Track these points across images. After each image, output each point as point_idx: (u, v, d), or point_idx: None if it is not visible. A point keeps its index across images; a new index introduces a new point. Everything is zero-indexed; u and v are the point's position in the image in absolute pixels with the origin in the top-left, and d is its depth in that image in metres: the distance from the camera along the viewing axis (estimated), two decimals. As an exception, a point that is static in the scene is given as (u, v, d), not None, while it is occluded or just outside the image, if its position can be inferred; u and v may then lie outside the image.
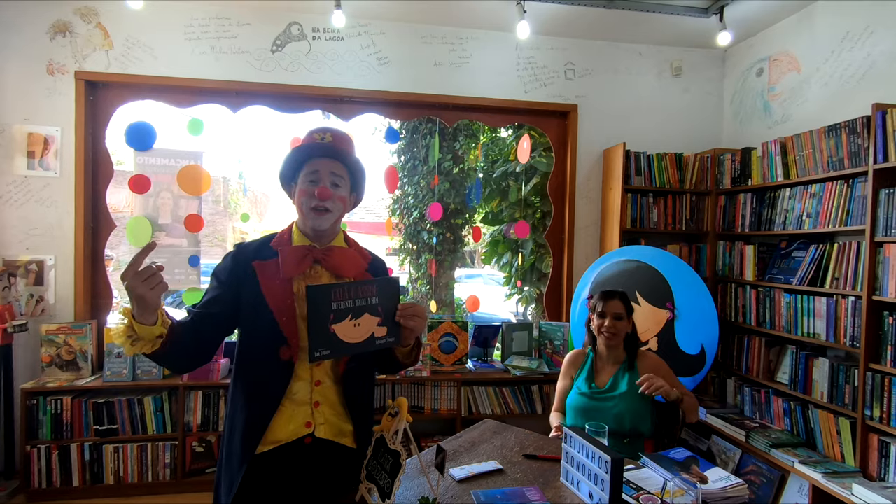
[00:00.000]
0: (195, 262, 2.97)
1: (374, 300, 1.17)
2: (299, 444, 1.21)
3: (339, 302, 1.12)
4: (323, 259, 1.26)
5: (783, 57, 2.90)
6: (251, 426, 1.19)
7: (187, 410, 2.72)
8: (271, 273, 1.22)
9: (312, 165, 1.26)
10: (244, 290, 1.22)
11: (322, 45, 3.01)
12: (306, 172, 1.26)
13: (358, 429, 1.28)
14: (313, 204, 1.24)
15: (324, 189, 1.23)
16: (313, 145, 1.27)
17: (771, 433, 2.47)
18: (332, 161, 1.27)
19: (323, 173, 1.25)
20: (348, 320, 1.13)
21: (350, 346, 1.14)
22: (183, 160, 2.95)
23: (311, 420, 1.22)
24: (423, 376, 2.92)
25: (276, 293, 1.21)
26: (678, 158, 3.06)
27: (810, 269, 2.40)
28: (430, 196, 5.02)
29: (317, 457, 1.22)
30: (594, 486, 1.20)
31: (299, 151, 1.28)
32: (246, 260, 1.24)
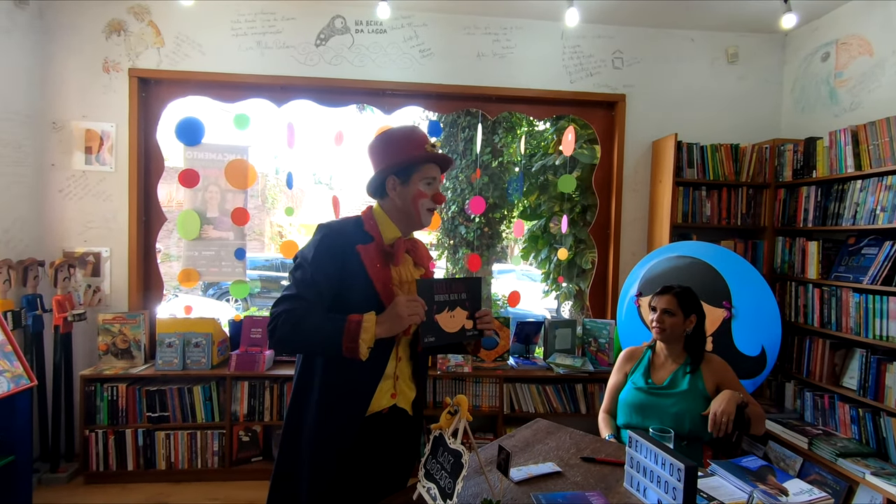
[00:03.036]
0: (241, 255, 3.02)
1: (464, 296, 1.31)
2: (379, 415, 1.33)
3: (440, 295, 1.26)
4: (412, 250, 1.39)
5: (852, 40, 2.70)
6: (358, 399, 1.29)
7: (234, 400, 2.78)
8: (373, 257, 1.29)
9: (431, 171, 1.36)
10: (349, 272, 1.27)
11: (365, 38, 3.00)
12: (424, 176, 1.35)
13: (418, 397, 1.43)
14: (430, 206, 1.36)
15: (442, 195, 1.41)
16: (434, 153, 1.36)
17: (836, 441, 2.32)
18: (440, 169, 1.40)
19: (439, 179, 1.39)
20: (446, 312, 1.27)
21: (448, 335, 1.27)
22: (230, 155, 2.99)
23: (395, 391, 1.35)
24: (464, 372, 2.89)
25: (381, 278, 1.29)
26: (734, 149, 2.91)
27: (884, 267, 2.23)
28: (469, 190, 4.97)
29: (392, 424, 1.36)
30: (664, 494, 1.13)
31: (427, 157, 1.35)
32: (346, 242, 1.29)
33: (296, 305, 1.20)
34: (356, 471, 1.30)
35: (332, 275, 1.25)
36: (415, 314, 1.19)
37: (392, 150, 1.35)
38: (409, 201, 1.34)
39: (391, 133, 1.39)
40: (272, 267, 8.99)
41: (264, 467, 2.82)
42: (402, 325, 1.19)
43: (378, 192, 1.39)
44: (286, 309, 1.20)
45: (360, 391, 1.28)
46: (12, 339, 2.25)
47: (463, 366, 2.90)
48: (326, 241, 1.28)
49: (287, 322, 1.18)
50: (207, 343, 2.79)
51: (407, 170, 1.34)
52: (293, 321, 1.18)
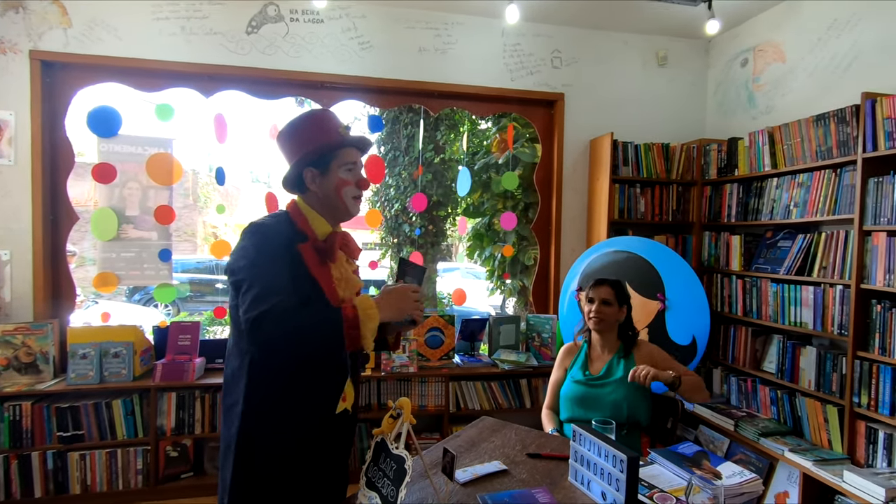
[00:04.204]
0: (166, 257, 2.80)
1: (416, 282, 1.27)
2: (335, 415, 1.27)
3: (408, 277, 1.27)
4: (344, 244, 1.31)
5: (768, 47, 2.90)
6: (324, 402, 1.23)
7: (160, 413, 2.57)
8: (314, 257, 1.22)
9: (350, 156, 1.28)
10: (293, 273, 1.16)
11: (300, 28, 2.86)
12: (343, 162, 1.27)
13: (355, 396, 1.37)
14: (355, 193, 1.29)
15: (367, 181, 1.32)
16: (349, 136, 1.29)
17: (759, 422, 2.48)
18: (359, 152, 1.32)
19: (360, 164, 1.31)
20: None
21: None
22: (151, 148, 2.76)
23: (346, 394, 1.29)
24: (409, 372, 2.84)
25: (324, 277, 1.22)
26: (665, 149, 3.04)
27: (797, 259, 2.41)
28: (412, 187, 4.91)
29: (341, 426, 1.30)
30: (608, 486, 1.14)
31: (344, 142, 1.27)
32: (287, 241, 1.19)
33: (274, 302, 1.05)
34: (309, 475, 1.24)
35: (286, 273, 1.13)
36: (418, 308, 1.20)
37: (303, 140, 1.25)
38: (332, 192, 1.26)
39: (299, 121, 1.27)
40: (205, 269, 8.48)
41: (196, 483, 2.63)
42: (404, 313, 1.19)
43: (298, 186, 1.29)
44: (266, 310, 1.04)
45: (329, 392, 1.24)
46: None
47: (408, 366, 2.85)
48: (268, 241, 1.15)
49: (275, 323, 1.04)
50: (128, 352, 2.56)
51: (323, 159, 1.25)
52: (282, 319, 1.04)
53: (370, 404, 2.83)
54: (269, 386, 1.18)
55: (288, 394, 1.19)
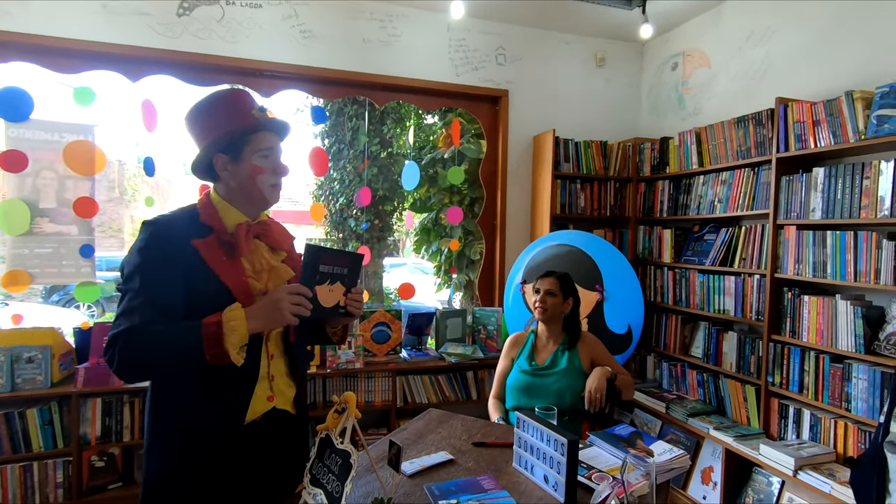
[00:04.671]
0: (88, 253, 2.59)
1: (345, 271, 1.20)
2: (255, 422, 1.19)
3: (325, 265, 1.16)
4: (262, 234, 1.23)
5: (695, 53, 3.09)
6: (230, 409, 1.14)
7: (83, 421, 2.39)
8: (216, 252, 1.13)
9: (265, 140, 1.20)
10: (189, 272, 1.10)
11: (237, 12, 2.73)
12: (257, 148, 1.18)
13: (298, 394, 1.29)
14: (273, 181, 1.22)
15: (286, 167, 1.23)
16: (264, 119, 1.20)
17: (687, 403, 2.66)
18: (276, 136, 1.24)
19: (277, 149, 1.23)
20: (326, 284, 1.17)
21: (323, 310, 1.16)
22: (70, 135, 2.54)
23: (272, 393, 1.21)
24: (355, 368, 2.80)
25: (228, 272, 1.14)
26: (603, 146, 3.18)
27: (721, 251, 2.59)
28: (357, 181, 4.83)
29: (271, 427, 1.22)
30: (549, 470, 1.18)
31: (252, 123, 1.18)
32: (178, 238, 1.11)
33: (136, 323, 1.02)
34: (232, 487, 1.15)
35: (172, 281, 1.08)
36: (297, 310, 1.08)
37: (213, 123, 1.16)
38: (246, 179, 1.17)
39: (208, 101, 1.18)
40: (134, 267, 7.91)
41: (125, 493, 2.46)
42: (281, 320, 1.08)
43: (208, 173, 1.21)
44: (124, 329, 1.01)
45: (233, 402, 1.13)
46: None
47: (354, 361, 2.81)
48: (154, 242, 1.09)
49: (128, 344, 1.00)
50: (45, 357, 2.36)
51: (235, 144, 1.16)
52: (136, 341, 1.01)
53: (315, 402, 2.77)
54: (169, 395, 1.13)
55: (189, 402, 1.12)
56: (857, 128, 1.97)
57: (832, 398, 2.05)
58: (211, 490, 1.13)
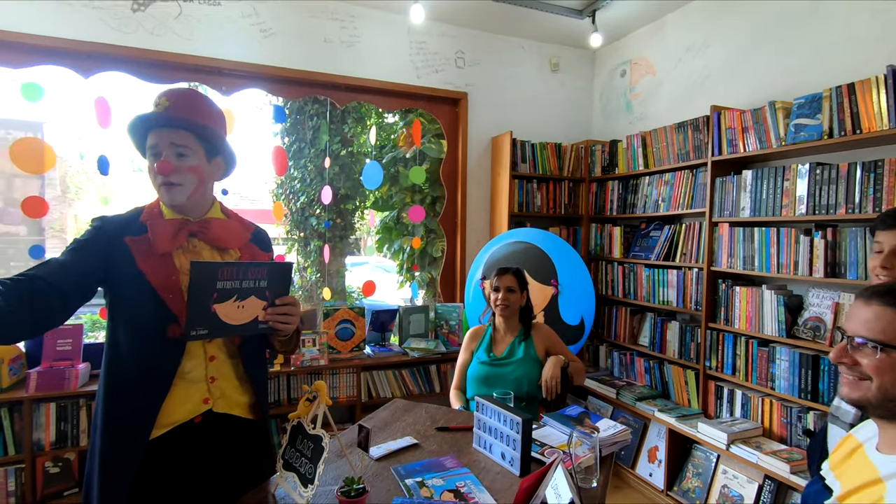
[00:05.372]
0: (38, 253, 2.51)
1: (263, 283, 1.14)
2: (189, 424, 1.17)
3: (224, 281, 1.08)
4: (200, 232, 1.21)
5: (641, 61, 3.30)
6: (142, 411, 1.13)
7: (36, 427, 2.32)
8: (146, 249, 1.15)
9: (151, 138, 1.17)
10: (116, 268, 1.13)
11: (195, 9, 2.71)
12: (148, 146, 1.18)
13: (257, 399, 1.28)
14: (160, 181, 1.17)
15: (163, 164, 1.14)
16: (148, 116, 1.16)
17: (635, 389, 2.85)
18: (173, 131, 1.16)
19: (163, 146, 1.16)
20: (232, 301, 1.10)
21: (231, 328, 1.11)
22: (17, 131, 2.46)
23: (209, 396, 1.20)
24: (320, 365, 2.84)
25: (156, 270, 1.14)
26: (557, 148, 3.34)
27: (664, 247, 2.80)
28: (319, 180, 4.83)
29: (216, 432, 1.20)
30: (506, 447, 1.29)
31: (135, 124, 1.18)
32: (115, 235, 1.15)
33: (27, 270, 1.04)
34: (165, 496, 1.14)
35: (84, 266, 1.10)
36: None
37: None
38: (151, 181, 1.19)
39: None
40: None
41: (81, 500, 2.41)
42: None
43: None
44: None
45: (140, 410, 1.12)
46: None
47: (318, 358, 2.85)
48: (89, 233, 1.15)
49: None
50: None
51: (140, 144, 1.20)
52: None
53: (280, 400, 2.79)
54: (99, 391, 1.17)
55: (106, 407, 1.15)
56: (779, 134, 2.19)
57: (759, 379, 2.28)
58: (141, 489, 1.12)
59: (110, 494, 1.11)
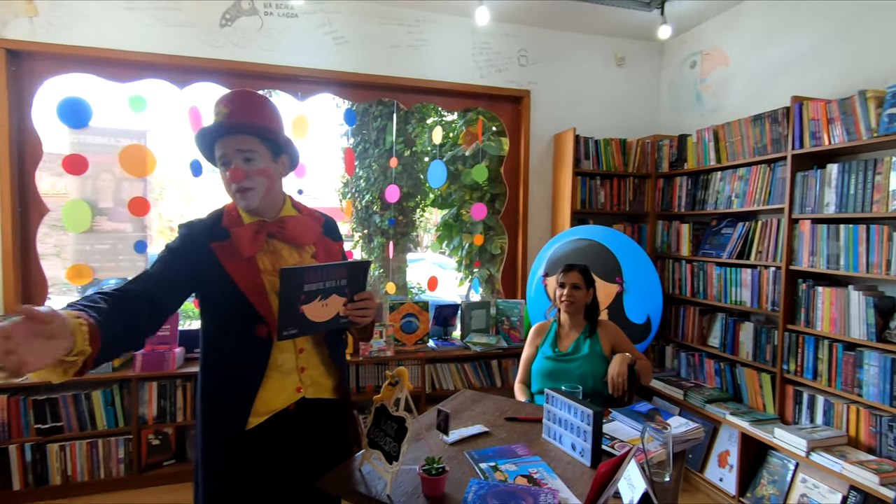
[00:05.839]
0: (142, 248, 2.81)
1: (343, 282, 1.20)
2: (284, 412, 1.25)
3: (310, 284, 1.14)
4: (277, 232, 1.25)
5: (713, 51, 3.17)
6: (237, 402, 1.21)
7: (141, 403, 2.61)
8: (231, 253, 1.19)
9: (218, 148, 1.19)
10: (204, 273, 1.18)
11: (275, 22, 2.91)
12: (217, 156, 1.21)
13: (341, 381, 1.37)
14: (233, 188, 1.20)
15: (234, 171, 1.17)
16: (211, 127, 1.18)
17: (704, 391, 2.77)
18: (237, 137, 1.18)
19: (230, 154, 1.18)
20: (317, 301, 1.16)
21: (316, 325, 1.18)
22: (125, 139, 2.76)
23: (301, 385, 1.28)
24: (386, 356, 2.97)
25: (242, 273, 1.19)
26: (622, 144, 3.28)
27: (738, 244, 2.69)
28: (382, 179, 5.00)
29: (307, 416, 1.29)
30: (577, 438, 1.33)
31: (202, 136, 1.20)
32: (201, 241, 1.20)
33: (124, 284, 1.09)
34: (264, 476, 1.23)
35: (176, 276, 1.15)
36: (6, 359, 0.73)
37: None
38: (225, 189, 1.23)
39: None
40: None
41: (178, 470, 2.68)
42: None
43: None
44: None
45: (237, 401, 1.20)
46: None
47: (385, 350, 2.98)
48: (177, 241, 1.20)
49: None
50: (107, 344, 2.57)
51: (209, 155, 1.22)
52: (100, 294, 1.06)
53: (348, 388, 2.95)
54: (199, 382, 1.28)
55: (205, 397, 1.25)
56: (870, 125, 2.05)
57: (845, 384, 2.15)
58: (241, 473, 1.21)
59: (213, 479, 1.22)
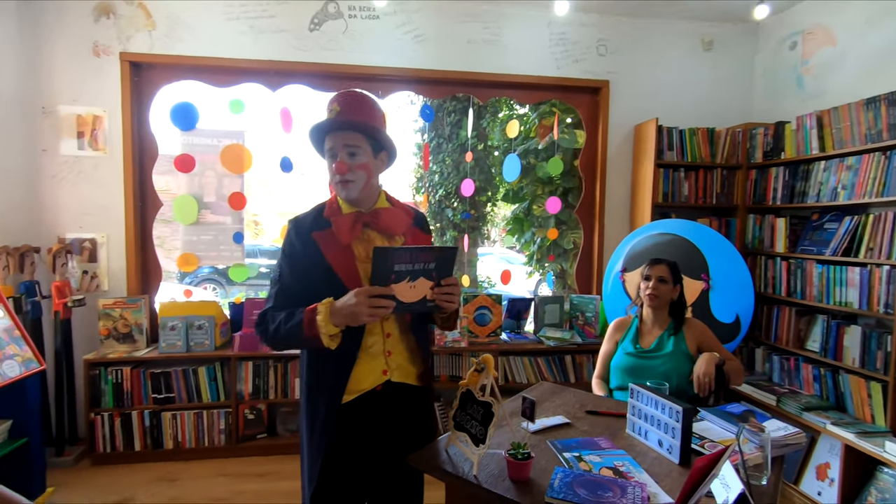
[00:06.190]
0: (239, 239, 3.07)
1: (431, 266, 1.24)
2: (373, 392, 1.35)
3: (400, 265, 1.19)
4: (372, 222, 1.36)
5: (818, 31, 2.91)
6: (334, 380, 1.32)
7: (239, 380, 2.86)
8: (331, 242, 1.32)
9: (328, 141, 1.33)
10: (310, 261, 1.31)
11: (358, 24, 3.04)
12: (326, 149, 1.34)
13: (425, 369, 1.43)
14: (336, 179, 1.32)
15: (339, 164, 1.30)
16: (324, 122, 1.32)
17: (801, 398, 2.57)
18: (345, 133, 1.30)
19: (338, 148, 1.31)
20: (406, 282, 1.21)
21: (404, 305, 1.23)
22: (225, 139, 3.02)
23: (387, 368, 1.36)
24: (460, 347, 3.03)
25: (340, 260, 1.31)
26: (710, 133, 3.10)
27: (844, 240, 2.47)
28: (455, 174, 5.08)
29: (393, 399, 1.37)
30: (664, 435, 1.30)
31: (314, 130, 1.35)
32: (305, 233, 1.34)
33: (269, 306, 1.32)
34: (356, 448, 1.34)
35: (296, 272, 1.31)
36: (375, 312, 1.15)
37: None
38: (329, 180, 1.36)
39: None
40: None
41: (270, 444, 2.92)
42: (359, 320, 1.17)
43: None
44: (263, 311, 1.32)
45: (335, 376, 1.31)
46: (20, 325, 2.27)
47: (459, 341, 3.04)
48: (287, 236, 1.35)
49: (261, 324, 1.31)
50: (210, 325, 2.85)
51: (319, 149, 1.38)
52: (267, 322, 1.29)
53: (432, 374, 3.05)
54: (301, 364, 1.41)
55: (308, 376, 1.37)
56: None
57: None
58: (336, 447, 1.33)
59: (314, 449, 1.34)
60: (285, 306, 1.29)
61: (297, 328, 1.21)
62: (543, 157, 4.85)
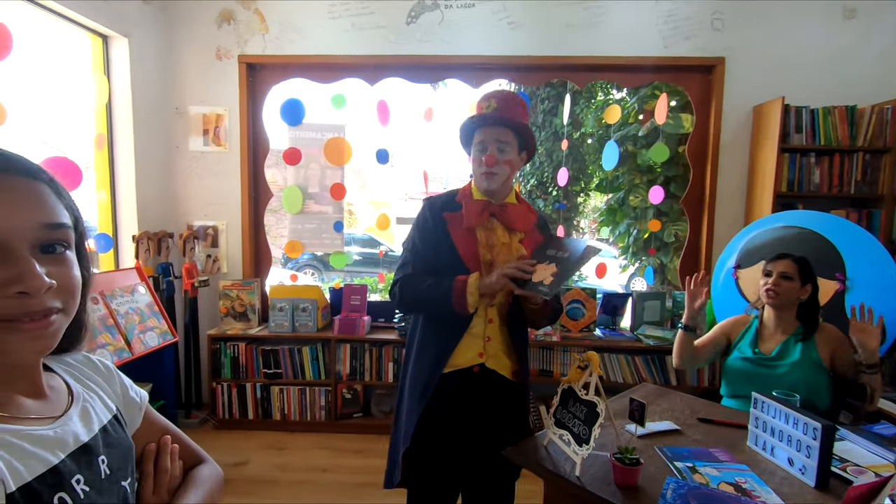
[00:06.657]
0: (339, 228, 3.24)
1: (567, 255, 1.29)
2: (469, 371, 1.44)
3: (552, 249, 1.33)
4: (499, 213, 1.46)
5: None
6: (440, 352, 1.43)
7: (338, 360, 3.03)
8: (458, 223, 1.44)
9: (480, 135, 1.44)
10: (438, 236, 1.44)
11: (454, 14, 3.04)
12: (476, 142, 1.45)
13: (520, 367, 1.49)
14: (483, 170, 1.43)
15: (489, 157, 1.41)
16: (479, 117, 1.44)
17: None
18: (498, 129, 1.42)
19: (488, 141, 1.42)
20: (546, 264, 1.31)
21: (532, 284, 1.29)
22: (328, 133, 3.18)
23: (483, 351, 1.44)
24: (552, 341, 2.96)
25: (464, 241, 1.43)
26: (850, 112, 2.71)
27: None
28: (549, 162, 4.94)
29: (485, 383, 1.45)
30: (796, 453, 1.16)
31: (469, 122, 1.46)
32: (438, 210, 1.47)
33: (406, 273, 1.44)
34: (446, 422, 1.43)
35: (428, 245, 1.44)
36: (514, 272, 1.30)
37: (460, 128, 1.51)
38: (473, 170, 1.48)
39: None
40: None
41: (364, 423, 3.07)
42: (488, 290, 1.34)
43: None
44: (400, 278, 1.45)
45: (441, 346, 1.42)
46: (158, 301, 2.59)
47: (552, 335, 2.97)
48: (422, 212, 1.49)
49: (404, 287, 1.42)
50: (313, 308, 3.04)
51: (467, 144, 1.50)
52: (408, 286, 1.41)
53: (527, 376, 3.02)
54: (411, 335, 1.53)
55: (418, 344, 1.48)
56: None
57: None
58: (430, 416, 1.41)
59: (413, 408, 1.44)
60: (423, 272, 1.42)
61: (446, 294, 1.34)
62: (642, 145, 4.54)
